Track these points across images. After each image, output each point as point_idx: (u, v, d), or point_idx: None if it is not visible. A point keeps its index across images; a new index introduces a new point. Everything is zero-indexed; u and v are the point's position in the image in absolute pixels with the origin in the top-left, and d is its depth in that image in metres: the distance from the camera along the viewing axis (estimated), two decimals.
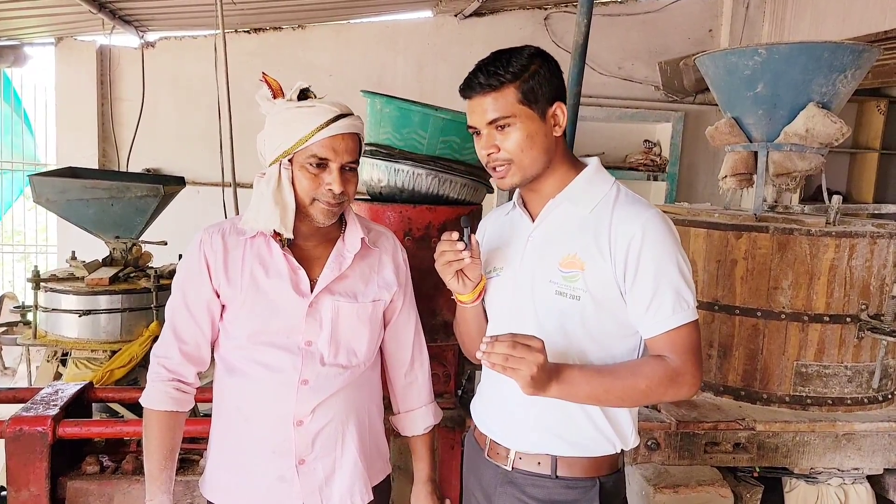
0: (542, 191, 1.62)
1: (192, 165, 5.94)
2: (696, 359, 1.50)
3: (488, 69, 1.52)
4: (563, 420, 1.59)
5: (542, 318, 1.58)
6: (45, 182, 3.86)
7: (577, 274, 1.52)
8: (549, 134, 1.55)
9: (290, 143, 1.58)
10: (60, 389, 2.43)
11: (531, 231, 1.63)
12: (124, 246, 4.04)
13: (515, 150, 1.52)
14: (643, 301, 1.50)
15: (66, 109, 6.04)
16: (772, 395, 2.63)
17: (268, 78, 1.65)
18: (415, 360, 1.90)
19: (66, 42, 5.99)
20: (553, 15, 6.40)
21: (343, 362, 1.71)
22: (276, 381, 1.66)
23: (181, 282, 1.72)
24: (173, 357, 1.71)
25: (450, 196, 2.41)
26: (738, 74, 2.84)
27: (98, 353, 3.69)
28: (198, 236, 1.71)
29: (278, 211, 1.60)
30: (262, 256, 1.68)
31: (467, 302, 1.70)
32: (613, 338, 1.56)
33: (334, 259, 1.71)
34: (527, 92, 1.51)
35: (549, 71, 1.53)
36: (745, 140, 2.95)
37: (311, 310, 1.67)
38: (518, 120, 1.51)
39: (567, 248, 1.55)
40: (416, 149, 2.36)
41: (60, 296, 3.73)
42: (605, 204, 1.56)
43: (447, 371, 2.46)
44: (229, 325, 1.70)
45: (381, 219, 2.37)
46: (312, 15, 5.91)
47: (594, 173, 1.61)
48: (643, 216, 1.51)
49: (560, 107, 1.54)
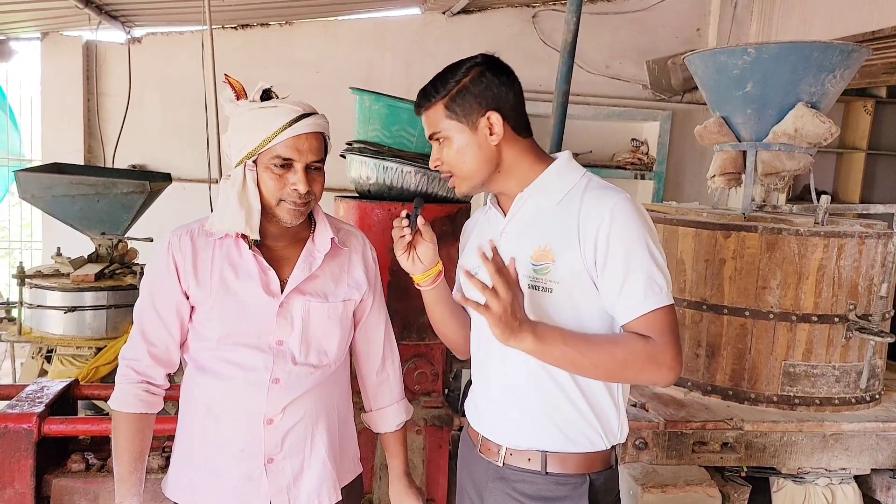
0: (508, 190, 1.64)
1: (178, 162, 5.88)
2: (674, 340, 1.48)
3: (425, 88, 1.59)
4: (550, 411, 1.58)
5: None
6: (30, 178, 3.82)
7: (549, 266, 1.52)
8: (484, 144, 1.56)
9: (253, 144, 1.58)
10: (46, 387, 2.41)
11: (503, 226, 1.63)
12: (110, 242, 4.01)
13: (452, 162, 1.58)
14: (614, 286, 1.48)
15: (52, 105, 5.97)
16: (760, 395, 2.64)
17: (230, 79, 1.65)
18: (386, 358, 1.90)
19: (52, 37, 5.92)
20: (541, 13, 6.39)
21: (314, 362, 1.71)
22: (247, 380, 1.65)
23: (149, 284, 1.71)
24: (142, 359, 1.70)
25: (438, 194, 2.41)
26: (727, 74, 2.84)
27: (83, 350, 3.65)
28: (165, 238, 1.71)
29: (243, 213, 1.59)
30: (231, 257, 1.68)
31: (422, 284, 1.73)
32: (589, 327, 1.55)
33: (304, 259, 1.71)
34: (453, 107, 1.54)
35: (486, 81, 1.54)
36: (733, 139, 2.96)
37: (282, 310, 1.67)
38: (448, 133, 1.56)
39: (537, 240, 1.55)
40: (405, 146, 2.35)
41: (45, 292, 3.69)
42: (575, 193, 1.56)
43: (435, 370, 2.45)
44: (199, 327, 1.69)
45: (369, 217, 2.36)
46: (300, 11, 5.87)
47: (563, 165, 1.61)
48: (612, 200, 1.49)
49: (492, 116, 1.54)
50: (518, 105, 1.58)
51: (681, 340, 1.52)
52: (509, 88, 1.56)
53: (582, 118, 6.32)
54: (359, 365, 1.91)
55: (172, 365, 1.74)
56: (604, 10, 6.42)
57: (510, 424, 1.64)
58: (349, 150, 2.47)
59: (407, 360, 2.37)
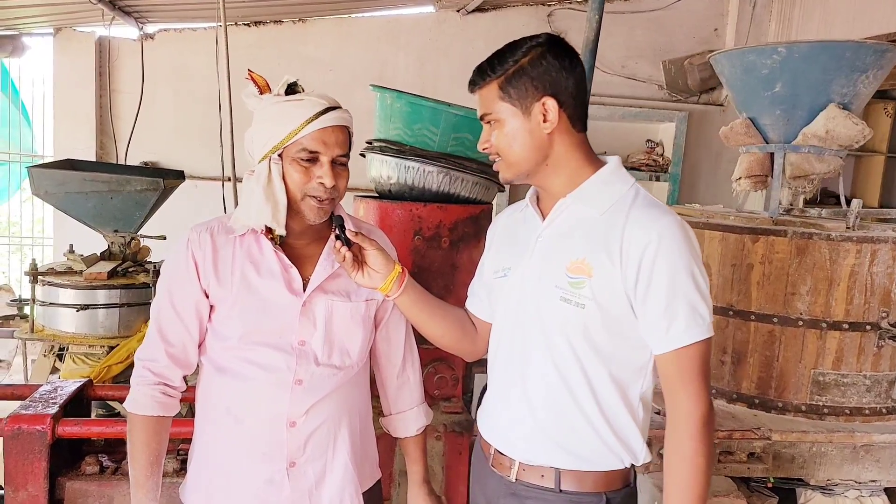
0: (551, 189, 1.56)
1: (190, 159, 5.86)
2: (703, 381, 1.44)
3: (481, 65, 1.51)
4: (567, 431, 1.52)
5: (546, 325, 1.51)
6: (44, 174, 3.79)
7: (584, 280, 1.45)
8: (536, 131, 1.48)
9: (279, 137, 1.55)
10: (60, 387, 2.37)
11: (541, 231, 1.56)
12: (123, 240, 3.98)
13: (501, 146, 1.51)
14: (655, 314, 1.42)
15: (64, 101, 5.96)
16: (787, 404, 2.57)
17: (253, 75, 1.61)
18: (406, 360, 1.86)
19: (65, 32, 5.91)
20: (556, 11, 6.33)
21: (337, 363, 1.67)
22: (270, 381, 1.61)
23: (167, 282, 1.67)
24: (159, 360, 1.65)
25: (461, 194, 2.35)
26: (756, 74, 2.78)
27: (95, 349, 3.62)
28: (185, 235, 1.67)
29: (269, 207, 1.56)
30: (252, 255, 1.64)
31: (390, 293, 1.67)
32: (620, 351, 1.49)
33: (326, 257, 1.68)
34: (507, 88, 1.47)
35: (545, 64, 1.46)
36: (760, 141, 2.89)
37: (305, 309, 1.63)
38: (500, 115, 1.49)
39: (576, 251, 1.48)
40: (427, 145, 2.29)
41: (58, 290, 3.67)
42: (620, 206, 1.48)
43: (455, 374, 2.39)
44: (219, 326, 1.65)
45: (389, 217, 2.30)
46: (314, 8, 5.85)
47: (611, 173, 1.53)
48: (660, 222, 1.42)
49: (547, 101, 1.46)
50: (578, 94, 1.50)
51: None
52: (570, 74, 1.48)
53: (597, 118, 6.24)
54: (378, 367, 1.87)
55: (190, 366, 1.70)
56: (620, 9, 6.36)
57: (524, 438, 1.57)
58: (369, 149, 2.41)
59: (426, 365, 2.32)
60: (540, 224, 1.57)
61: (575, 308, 1.45)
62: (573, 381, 1.49)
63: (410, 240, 2.26)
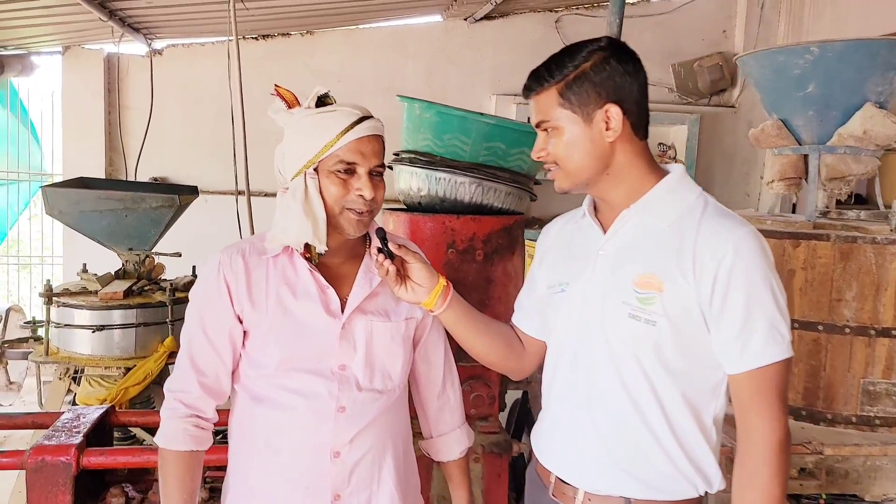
0: (612, 200, 1.48)
1: (200, 174, 5.79)
2: (781, 405, 1.37)
3: (538, 70, 1.44)
4: (638, 458, 1.44)
5: (614, 344, 1.43)
6: (58, 193, 3.71)
7: (654, 296, 1.37)
8: (598, 139, 1.41)
9: (314, 150, 1.49)
10: (82, 414, 2.29)
11: (602, 244, 1.48)
12: (137, 258, 3.89)
13: (559, 154, 1.43)
14: (731, 331, 1.34)
15: (73, 118, 5.90)
16: (837, 416, 2.48)
17: (280, 90, 1.55)
18: (446, 379, 1.79)
19: (74, 50, 5.86)
20: (564, 18, 6.26)
21: (379, 387, 1.60)
22: (311, 409, 1.54)
23: (198, 308, 1.60)
24: (192, 391, 1.57)
25: (493, 205, 2.28)
26: (787, 74, 2.70)
27: (112, 371, 3.52)
28: (215, 258, 1.59)
29: (310, 223, 1.49)
30: (287, 276, 1.57)
31: (434, 308, 1.59)
32: (693, 371, 1.40)
33: (363, 275, 1.61)
34: (568, 94, 1.40)
35: (609, 69, 1.39)
36: (793, 142, 2.81)
37: (344, 331, 1.56)
38: (558, 123, 1.41)
39: (643, 265, 1.40)
40: (458, 156, 2.22)
41: (73, 311, 3.57)
42: (689, 216, 1.40)
43: (492, 392, 2.32)
44: (255, 352, 1.57)
45: (421, 230, 2.23)
46: (321, 20, 5.79)
47: (677, 181, 1.46)
48: (736, 233, 1.35)
49: (611, 109, 1.39)
50: (641, 100, 1.44)
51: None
52: (634, 80, 1.42)
53: None
54: (417, 388, 1.79)
55: (223, 395, 1.62)
56: (628, 13, 6.21)
57: (590, 466, 1.48)
58: (397, 161, 2.34)
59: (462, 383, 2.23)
60: (601, 236, 1.49)
61: (645, 325, 1.37)
62: (644, 403, 1.41)
63: (444, 253, 2.19)
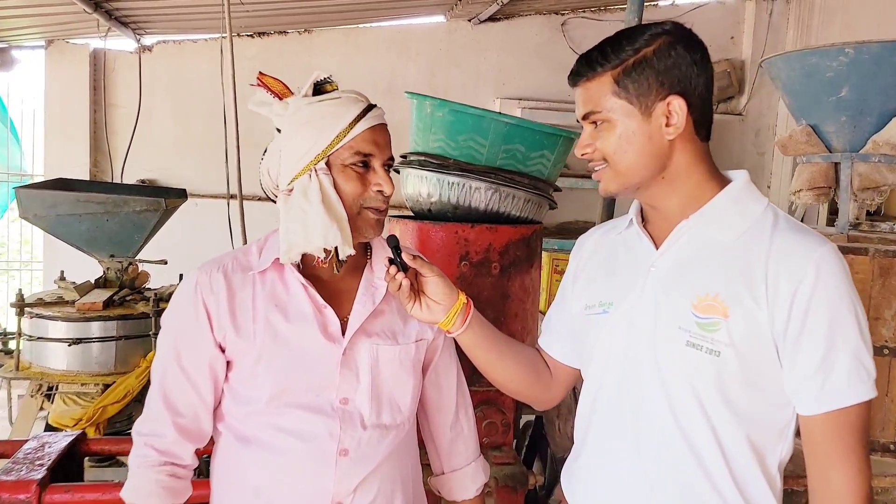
0: (665, 208, 1.27)
1: (191, 177, 5.57)
2: (862, 455, 1.16)
3: (589, 53, 1.23)
4: (691, 498, 1.23)
5: (668, 376, 1.22)
6: (33, 195, 3.49)
7: (719, 322, 1.16)
8: (656, 136, 1.21)
9: (324, 142, 1.29)
10: (48, 443, 2.04)
11: (655, 258, 1.27)
12: (120, 265, 3.67)
13: (610, 151, 1.23)
14: (809, 365, 1.14)
15: (56, 116, 5.66)
16: (874, 443, 2.28)
17: (266, 78, 1.36)
18: (459, 407, 1.58)
19: (58, 45, 5.63)
20: (570, 20, 6.09)
21: (387, 421, 1.38)
22: (309, 453, 1.32)
23: (172, 336, 1.37)
24: (166, 434, 1.34)
25: (511, 213, 2.07)
26: (818, 77, 2.52)
27: (89, 388, 3.29)
28: (191, 277, 1.37)
29: (336, 225, 1.28)
30: (277, 295, 1.35)
31: (452, 328, 1.39)
32: (759, 409, 1.20)
33: (365, 291, 1.39)
34: (625, 81, 1.20)
35: (675, 56, 1.19)
36: (823, 150, 2.63)
37: (346, 358, 1.34)
38: (611, 115, 1.21)
39: (704, 285, 1.19)
40: (473, 159, 2.01)
41: (47, 322, 3.34)
42: (759, 231, 1.20)
43: (506, 419, 2.10)
44: (240, 387, 1.35)
45: (431, 240, 2.02)
46: (320, 19, 5.60)
47: (742, 190, 1.25)
48: (817, 252, 1.14)
49: (674, 102, 1.19)
50: (707, 96, 1.23)
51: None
52: (702, 71, 1.21)
53: None
54: (427, 418, 1.57)
55: (203, 437, 1.40)
56: None
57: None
58: (405, 164, 2.13)
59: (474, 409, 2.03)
60: (652, 250, 1.28)
61: (707, 356, 1.17)
62: (701, 443, 1.20)
63: (456, 266, 1.98)
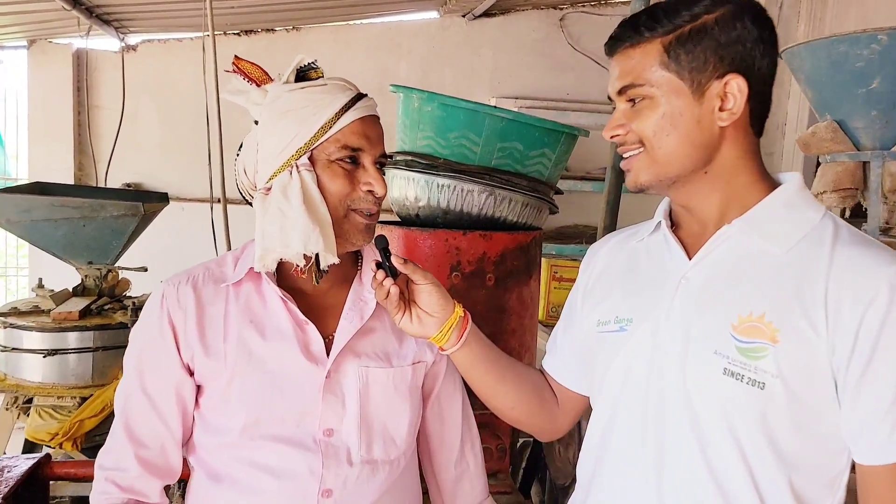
0: (701, 210, 1.09)
1: (178, 180, 5.39)
2: None
3: (636, 16, 1.04)
4: None
5: (699, 409, 1.02)
6: (5, 200, 3.32)
7: (765, 347, 0.96)
8: (707, 120, 1.02)
9: (307, 134, 1.13)
10: (7, 467, 1.88)
11: (687, 269, 1.08)
12: (98, 273, 3.49)
13: (648, 132, 1.04)
14: (876, 406, 0.94)
15: (40, 119, 5.48)
16: None
17: (242, 64, 1.19)
18: (465, 441, 1.40)
19: (40, 45, 5.45)
20: (569, 15, 5.91)
21: (379, 456, 1.21)
22: (286, 494, 1.15)
23: (135, 356, 1.21)
24: (128, 468, 1.19)
25: (507, 219, 1.88)
26: (846, 67, 2.34)
27: (65, 401, 3.13)
28: (157, 291, 1.21)
29: (318, 229, 1.11)
30: (252, 310, 1.19)
31: (447, 345, 1.21)
32: (809, 454, 1.00)
33: (353, 305, 1.22)
34: (677, 51, 1.01)
35: (740, 29, 1.00)
36: (851, 148, 2.45)
37: (330, 382, 1.17)
38: (653, 91, 1.02)
39: (748, 303, 1.00)
40: (466, 158, 1.83)
41: (22, 332, 3.17)
42: (816, 242, 1.01)
43: (501, 444, 1.92)
44: (210, 415, 1.19)
45: (419, 248, 1.84)
46: (308, 15, 5.42)
47: (795, 194, 1.06)
48: (890, 269, 0.95)
49: (734, 81, 1.01)
50: (770, 81, 1.04)
51: None
52: (767, 53, 1.02)
53: None
54: (429, 453, 1.40)
55: (172, 473, 1.23)
56: None
57: None
58: (391, 164, 1.94)
59: None
60: (683, 259, 1.09)
61: (748, 388, 0.97)
62: (736, 490, 1.00)
63: (446, 277, 1.80)
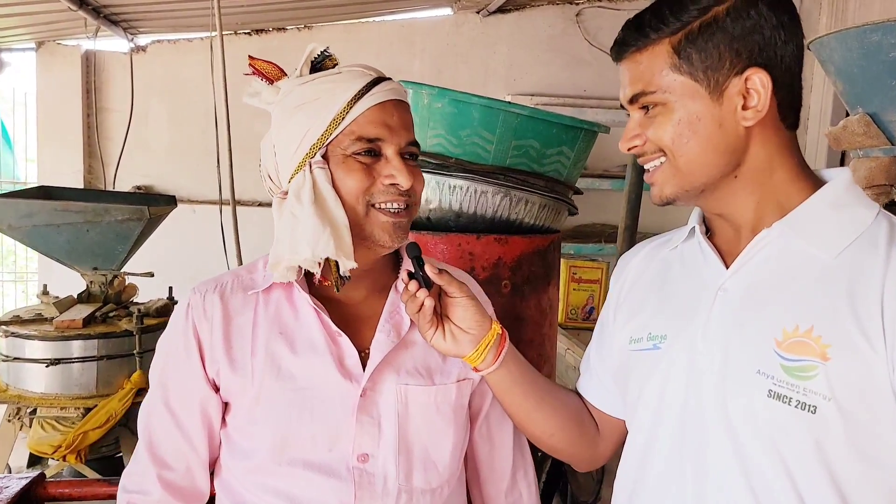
0: (738, 215, 0.98)
1: (188, 182, 5.35)
2: None
3: (641, 16, 0.94)
4: None
5: (742, 436, 0.91)
6: (7, 205, 3.24)
7: (815, 365, 0.85)
8: (729, 122, 0.92)
9: (320, 127, 1.04)
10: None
11: (724, 279, 0.97)
12: (104, 279, 3.41)
13: (667, 140, 0.94)
14: None
15: (49, 121, 5.44)
16: None
17: (257, 63, 1.10)
18: (518, 468, 1.28)
19: (48, 46, 5.40)
20: (585, 10, 5.79)
21: (420, 485, 1.09)
22: None
23: (160, 371, 1.12)
24: (151, 492, 1.10)
25: (524, 221, 1.77)
26: (881, 57, 2.20)
27: (69, 412, 3.04)
28: (184, 300, 1.12)
29: (328, 231, 1.00)
30: (282, 321, 1.09)
31: (481, 366, 1.10)
32: (868, 485, 0.88)
33: (390, 316, 1.12)
34: (688, 51, 0.91)
35: (754, 18, 0.89)
36: (885, 142, 2.31)
37: (365, 401, 1.07)
38: (668, 96, 0.92)
39: (793, 316, 0.89)
40: (479, 157, 1.71)
41: (24, 341, 3.09)
42: (870, 245, 0.90)
43: None
44: (237, 435, 1.09)
45: (429, 253, 1.72)
46: (320, 13, 5.35)
47: (844, 192, 0.95)
48: None
49: (755, 76, 0.90)
50: (797, 69, 0.94)
51: None
52: (790, 38, 0.92)
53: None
54: (479, 481, 1.28)
55: (198, 497, 1.14)
56: None
57: None
58: None
59: None
60: (720, 268, 0.98)
61: (798, 412, 0.86)
62: None
63: None
